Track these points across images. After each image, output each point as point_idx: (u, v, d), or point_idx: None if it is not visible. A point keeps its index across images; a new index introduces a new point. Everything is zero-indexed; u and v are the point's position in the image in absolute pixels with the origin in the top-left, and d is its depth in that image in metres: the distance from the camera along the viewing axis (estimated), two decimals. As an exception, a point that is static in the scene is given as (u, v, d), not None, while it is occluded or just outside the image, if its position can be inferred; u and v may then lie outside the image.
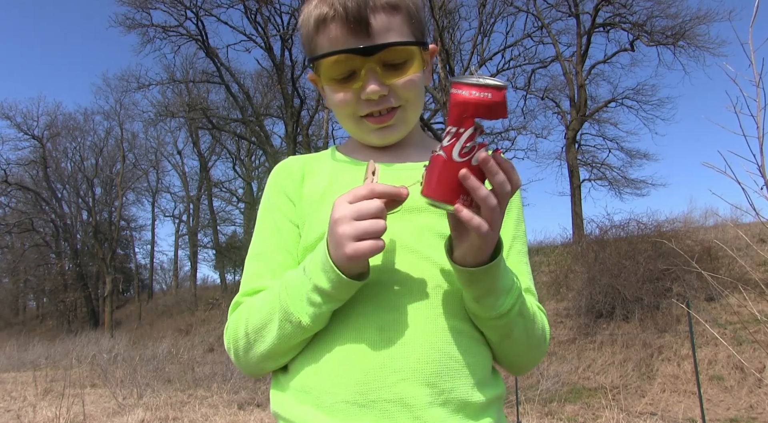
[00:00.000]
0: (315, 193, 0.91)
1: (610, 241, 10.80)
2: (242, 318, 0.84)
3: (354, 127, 0.93)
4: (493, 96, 0.66)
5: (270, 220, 0.92)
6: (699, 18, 17.41)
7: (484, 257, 0.75)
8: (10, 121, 29.11)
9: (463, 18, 21.57)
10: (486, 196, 0.69)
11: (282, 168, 0.97)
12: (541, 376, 8.55)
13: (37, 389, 9.89)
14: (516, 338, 0.84)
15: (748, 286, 7.80)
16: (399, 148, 0.96)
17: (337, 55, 0.85)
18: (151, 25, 20.43)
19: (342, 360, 0.77)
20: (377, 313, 0.77)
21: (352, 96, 0.88)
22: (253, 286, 0.87)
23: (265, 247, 0.90)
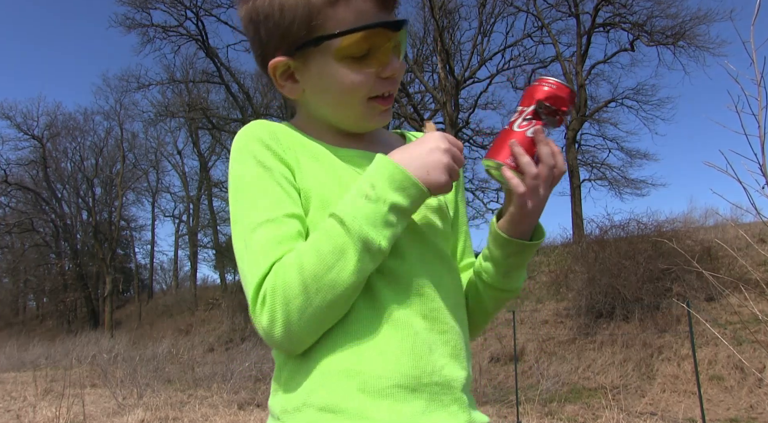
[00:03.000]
0: (318, 181, 0.81)
1: (610, 241, 10.81)
2: (292, 272, 0.71)
3: (359, 111, 0.84)
4: (558, 89, 0.80)
5: (273, 184, 0.78)
6: (699, 18, 17.42)
7: (524, 228, 0.84)
8: (10, 121, 29.14)
9: (463, 18, 21.64)
10: (527, 162, 0.79)
11: (266, 132, 0.82)
12: (541, 376, 8.54)
13: (37, 389, 9.89)
14: (499, 308, 0.94)
15: (749, 286, 7.80)
16: (369, 141, 0.91)
17: (373, 28, 0.79)
18: (151, 25, 20.45)
19: (390, 344, 0.75)
20: (417, 301, 0.79)
21: (369, 76, 0.81)
22: (279, 253, 0.73)
23: (276, 214, 0.76)
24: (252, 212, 0.77)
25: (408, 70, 18.73)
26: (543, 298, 12.14)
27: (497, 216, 0.88)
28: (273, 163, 0.79)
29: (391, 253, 0.76)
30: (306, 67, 0.82)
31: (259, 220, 0.76)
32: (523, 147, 0.79)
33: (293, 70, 0.83)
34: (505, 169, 0.80)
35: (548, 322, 10.72)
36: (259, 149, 0.80)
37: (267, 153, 0.80)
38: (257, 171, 0.79)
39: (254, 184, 0.78)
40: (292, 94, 0.85)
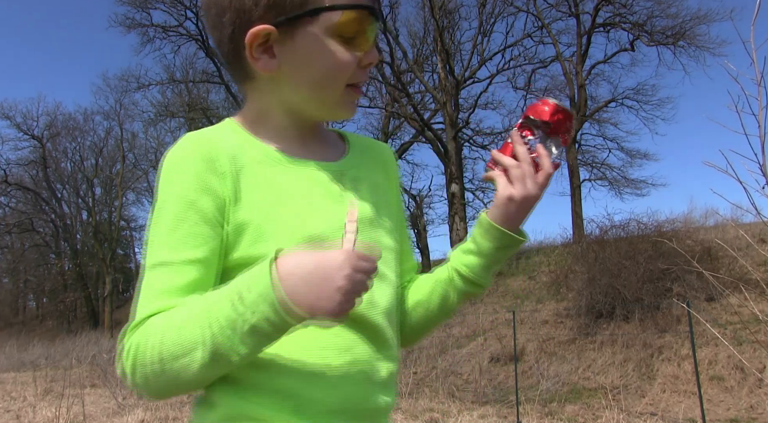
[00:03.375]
0: (265, 202, 0.76)
1: (610, 241, 10.80)
2: (154, 340, 0.67)
3: (337, 95, 0.80)
4: (542, 103, 0.89)
5: (189, 222, 0.73)
6: (699, 18, 17.43)
7: (513, 224, 0.88)
8: (10, 121, 29.15)
9: (463, 18, 21.64)
10: (507, 159, 0.87)
11: (199, 157, 0.75)
12: (541, 376, 8.54)
13: (36, 389, 9.89)
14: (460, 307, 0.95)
15: (749, 286, 7.80)
16: (320, 142, 0.87)
17: (366, 11, 0.77)
18: (151, 25, 20.47)
19: (328, 369, 0.74)
20: (358, 325, 0.77)
21: (355, 59, 0.78)
22: (160, 306, 0.70)
23: (176, 258, 0.72)
24: (157, 248, 0.73)
25: (408, 70, 18.73)
26: (543, 298, 12.14)
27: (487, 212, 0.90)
28: (198, 197, 0.73)
29: None
30: (292, 40, 0.76)
31: (159, 260, 0.72)
32: (505, 151, 0.89)
33: (272, 43, 0.76)
34: (491, 167, 0.89)
35: (548, 322, 10.72)
36: (186, 179, 0.74)
37: (195, 184, 0.74)
38: (177, 204, 0.73)
39: (170, 218, 0.73)
40: (266, 69, 0.77)
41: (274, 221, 0.75)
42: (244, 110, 0.85)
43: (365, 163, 0.89)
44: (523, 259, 14.97)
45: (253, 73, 0.80)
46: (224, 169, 0.75)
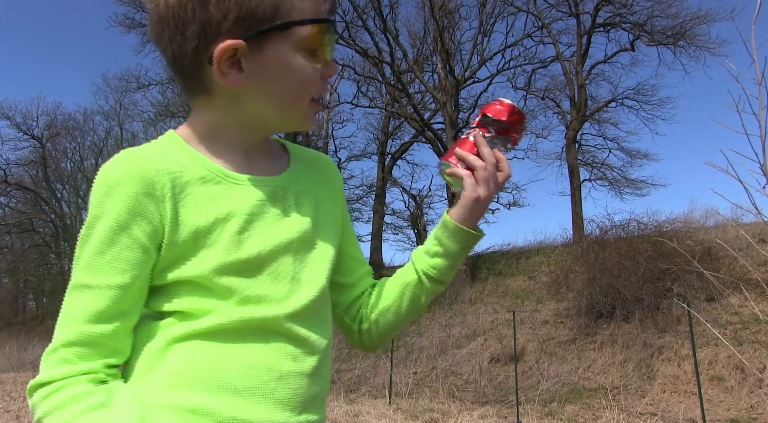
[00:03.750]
0: (205, 222, 0.75)
1: (610, 241, 10.80)
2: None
3: (303, 109, 0.81)
4: (499, 103, 0.92)
5: (114, 245, 0.72)
6: (699, 18, 17.41)
7: (474, 222, 0.90)
8: (10, 121, 29.13)
9: (463, 18, 21.60)
10: (472, 158, 0.89)
11: (136, 178, 0.73)
12: (541, 377, 8.54)
13: (36, 389, 9.88)
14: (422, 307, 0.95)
15: (749, 286, 7.79)
16: (264, 154, 0.86)
17: (326, 23, 0.77)
18: (151, 25, 20.42)
19: (255, 387, 0.74)
20: (285, 342, 0.77)
21: (318, 72, 0.79)
22: (82, 331, 0.70)
23: (100, 281, 0.71)
24: (83, 269, 0.72)
25: (408, 70, 18.72)
26: (543, 298, 12.13)
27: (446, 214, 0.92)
28: (130, 221, 0.72)
29: (262, 285, 0.76)
30: (260, 54, 0.75)
31: (83, 282, 0.72)
32: (466, 149, 0.91)
33: (240, 57, 0.75)
34: (455, 166, 0.91)
35: (548, 323, 10.72)
36: (120, 201, 0.72)
37: (129, 207, 0.72)
38: (108, 226, 0.72)
39: (99, 239, 0.72)
40: (234, 83, 0.75)
41: (213, 243, 0.75)
42: (192, 123, 0.82)
43: (308, 176, 0.89)
44: (523, 259, 14.97)
45: (211, 88, 0.78)
46: (163, 191, 0.74)
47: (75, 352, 0.70)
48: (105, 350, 0.72)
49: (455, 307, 13.26)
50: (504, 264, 15.15)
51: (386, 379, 9.28)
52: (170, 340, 0.74)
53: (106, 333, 0.71)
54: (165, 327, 0.75)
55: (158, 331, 0.75)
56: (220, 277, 0.74)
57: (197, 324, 0.74)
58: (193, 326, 0.74)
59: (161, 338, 0.74)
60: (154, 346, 0.74)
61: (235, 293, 0.75)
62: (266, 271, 0.77)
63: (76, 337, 0.70)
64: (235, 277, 0.75)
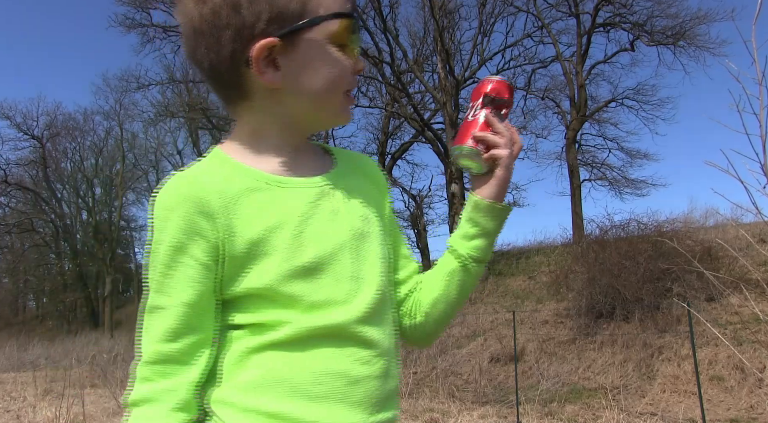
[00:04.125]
0: (260, 232, 0.77)
1: (610, 241, 10.80)
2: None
3: (339, 102, 0.84)
4: (498, 83, 0.95)
5: (177, 266, 0.76)
6: (699, 18, 17.41)
7: (503, 197, 0.93)
8: (10, 121, 29.17)
9: (463, 18, 21.51)
10: (493, 135, 0.91)
11: (187, 199, 0.76)
12: (541, 377, 8.55)
13: (36, 389, 9.89)
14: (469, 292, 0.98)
15: (749, 286, 7.79)
16: (308, 155, 0.88)
17: (351, 18, 0.81)
18: (150, 25, 20.43)
19: (332, 391, 0.77)
20: (357, 346, 0.79)
21: (350, 65, 0.83)
22: (159, 350, 0.76)
23: (170, 301, 0.76)
24: (153, 292, 0.77)
25: (408, 70, 18.72)
26: (543, 298, 12.13)
27: (473, 197, 0.94)
28: (187, 241, 0.76)
29: (325, 288, 0.77)
30: (294, 50, 0.78)
31: (154, 304, 0.77)
32: (480, 129, 0.93)
33: (276, 55, 0.78)
34: (475, 147, 0.92)
35: (548, 322, 10.72)
36: (176, 223, 0.75)
37: (184, 227, 0.75)
38: (168, 249, 0.76)
39: (162, 263, 0.76)
40: (272, 81, 0.78)
41: (270, 252, 0.77)
42: (235, 134, 0.85)
43: (353, 174, 0.90)
44: (523, 259, 14.97)
45: (250, 91, 0.81)
46: (213, 207, 0.76)
47: (154, 370, 0.76)
48: (182, 366, 0.76)
49: (455, 307, 13.24)
50: (504, 264, 15.16)
51: (386, 379, 9.25)
52: (246, 351, 0.77)
53: (181, 349, 0.76)
54: (239, 338, 0.78)
55: (233, 343, 0.79)
56: (284, 286, 0.76)
57: (270, 336, 0.76)
58: (267, 338, 0.76)
59: (237, 350, 0.78)
60: (231, 357, 0.78)
61: (301, 300, 0.77)
62: (327, 273, 0.78)
63: (154, 356, 0.76)
64: (299, 283, 0.77)
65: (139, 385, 0.76)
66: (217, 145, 0.85)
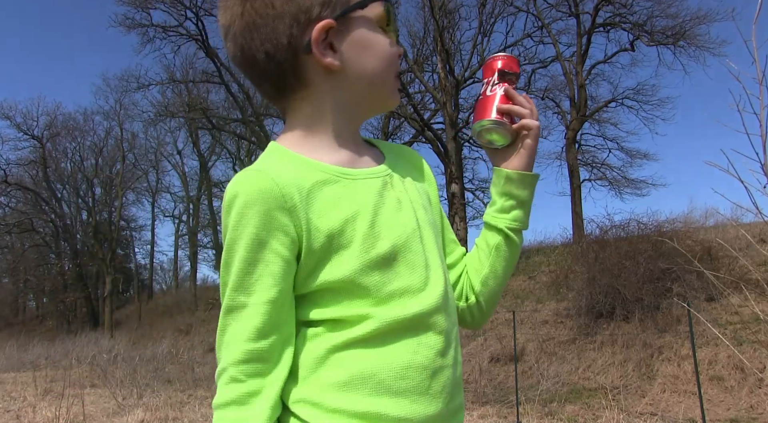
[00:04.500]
0: (336, 225, 0.77)
1: (610, 241, 10.79)
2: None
3: (391, 84, 0.86)
4: (509, 58, 0.97)
5: (258, 262, 0.75)
6: (699, 18, 17.41)
7: (530, 165, 0.94)
8: (10, 121, 29.15)
9: (463, 18, 21.53)
10: (517, 107, 0.92)
11: (265, 194, 0.74)
12: (541, 376, 8.55)
13: (36, 389, 9.88)
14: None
15: (749, 286, 7.79)
16: (363, 146, 0.89)
17: (389, 3, 0.85)
18: (151, 25, 20.45)
19: (414, 387, 0.79)
20: (432, 338, 0.80)
21: (396, 49, 0.86)
22: (246, 349, 0.74)
23: (253, 300, 0.75)
24: (234, 290, 0.75)
25: (408, 70, 18.72)
26: (543, 298, 12.13)
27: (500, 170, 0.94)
28: (269, 236, 0.74)
29: (402, 277, 0.78)
30: (349, 33, 0.81)
31: (237, 302, 0.75)
32: (492, 103, 0.93)
33: (330, 38, 0.80)
34: (502, 120, 0.93)
35: (548, 322, 10.72)
36: (256, 218, 0.74)
37: (265, 223, 0.74)
38: (248, 245, 0.74)
39: (242, 259, 0.75)
40: (332, 64, 0.80)
41: (348, 244, 0.77)
42: (290, 128, 0.85)
43: (402, 165, 0.92)
44: (523, 259, 14.97)
45: (308, 78, 0.82)
46: (293, 202, 0.76)
47: (242, 370, 0.74)
48: (270, 364, 0.75)
49: (455, 307, 13.25)
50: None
51: (386, 379, 9.26)
52: (328, 349, 0.76)
53: (267, 348, 0.75)
54: (317, 336, 0.78)
55: (311, 340, 0.78)
56: (363, 277, 0.76)
57: (352, 333, 0.76)
58: (349, 335, 0.76)
59: (318, 348, 0.77)
60: (311, 355, 0.77)
61: (380, 290, 0.77)
62: (402, 262, 0.79)
63: (242, 356, 0.74)
64: (377, 273, 0.77)
65: (229, 386, 0.74)
66: (274, 141, 0.85)
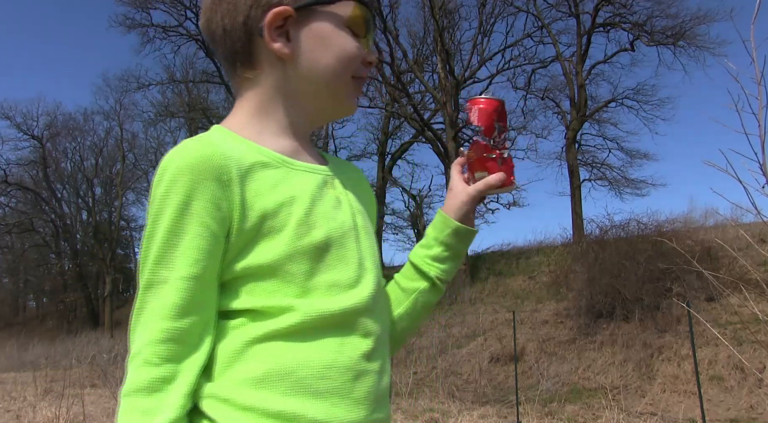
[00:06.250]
0: (272, 208, 0.74)
1: (610, 241, 10.80)
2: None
3: (345, 87, 0.83)
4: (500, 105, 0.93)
5: (185, 235, 0.69)
6: (699, 18, 17.43)
7: (473, 221, 0.95)
8: (10, 121, 29.14)
9: (463, 18, 21.56)
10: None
11: (203, 163, 0.70)
12: (541, 377, 8.55)
13: (37, 389, 9.88)
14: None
15: (749, 286, 7.79)
16: (309, 145, 0.87)
17: (369, 12, 0.85)
18: (151, 25, 20.49)
19: (334, 388, 0.75)
20: (363, 341, 0.78)
21: (362, 51, 0.83)
22: (164, 328, 0.68)
23: (176, 274, 0.69)
24: (155, 263, 0.70)
25: (408, 70, 18.73)
26: (543, 298, 12.14)
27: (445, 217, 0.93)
28: (199, 207, 0.70)
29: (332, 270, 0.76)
30: (308, 24, 0.80)
31: (157, 277, 0.69)
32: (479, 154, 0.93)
33: (287, 26, 0.79)
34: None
35: (548, 322, 10.72)
36: (187, 188, 0.69)
37: (196, 191, 0.70)
38: (176, 216, 0.69)
39: (168, 230, 0.69)
40: (281, 52, 0.78)
41: (281, 228, 0.73)
42: (238, 110, 0.83)
43: (348, 177, 0.90)
44: (523, 259, 14.98)
45: (259, 61, 0.80)
46: (229, 175, 0.71)
47: (158, 352, 0.68)
48: (187, 348, 0.70)
49: (455, 307, 13.26)
50: (504, 264, 15.16)
51: (386, 379, 9.26)
52: (248, 341, 0.71)
53: (186, 328, 0.69)
54: (238, 327, 0.73)
55: (230, 331, 0.73)
56: (290, 264, 0.73)
57: (273, 324, 0.71)
58: (270, 327, 0.71)
59: (236, 339, 0.72)
60: (230, 348, 0.72)
61: (307, 280, 0.73)
62: (334, 255, 0.76)
63: (159, 335, 0.68)
64: (306, 262, 0.74)
65: (141, 369, 0.68)
66: (218, 125, 0.82)
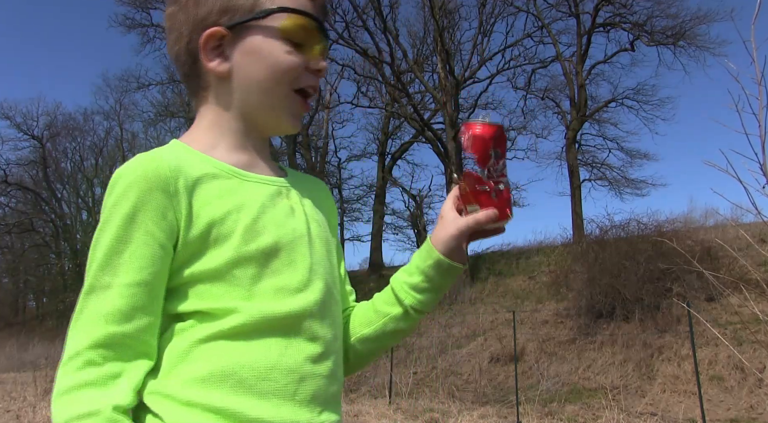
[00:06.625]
0: (220, 215, 0.75)
1: (610, 241, 10.80)
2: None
3: (284, 101, 0.83)
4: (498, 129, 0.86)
5: (131, 242, 0.71)
6: (699, 18, 17.40)
7: (462, 257, 0.89)
8: (10, 121, 29.16)
9: (463, 18, 21.55)
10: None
11: (149, 175, 0.73)
12: (541, 377, 8.55)
13: (37, 389, 9.89)
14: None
15: (749, 286, 7.79)
16: (266, 158, 0.87)
17: (313, 20, 0.82)
18: (151, 25, 20.46)
19: (278, 388, 0.75)
20: (308, 344, 0.78)
21: (302, 61, 0.82)
22: (107, 332, 0.69)
23: (121, 280, 0.70)
24: (99, 269, 0.71)
25: (408, 70, 18.72)
26: (543, 298, 12.14)
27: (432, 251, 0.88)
28: (146, 217, 0.72)
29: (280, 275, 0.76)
30: (242, 42, 0.81)
31: (101, 282, 0.71)
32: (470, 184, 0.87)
33: (224, 46, 0.81)
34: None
35: (548, 322, 10.72)
36: (135, 199, 0.72)
37: (143, 204, 0.72)
38: (123, 224, 0.71)
39: (114, 237, 0.71)
40: (218, 70, 0.81)
41: (228, 234, 0.75)
42: (193, 127, 0.85)
43: (308, 190, 0.90)
44: (523, 259, 14.97)
45: (206, 82, 0.83)
46: (176, 186, 0.74)
47: (101, 353, 0.69)
48: (130, 352, 0.71)
49: (455, 307, 13.26)
50: (504, 264, 15.16)
51: (386, 379, 9.28)
52: (193, 342, 0.73)
53: (130, 333, 0.70)
54: (185, 330, 0.74)
55: (178, 333, 0.74)
56: (237, 269, 0.74)
57: (218, 326, 0.73)
58: (214, 328, 0.73)
59: (183, 340, 0.73)
60: (176, 349, 0.73)
61: (253, 284, 0.75)
62: (284, 260, 0.77)
63: (101, 339, 0.69)
64: (253, 267, 0.75)
65: (83, 370, 0.69)
66: (175, 139, 0.84)
